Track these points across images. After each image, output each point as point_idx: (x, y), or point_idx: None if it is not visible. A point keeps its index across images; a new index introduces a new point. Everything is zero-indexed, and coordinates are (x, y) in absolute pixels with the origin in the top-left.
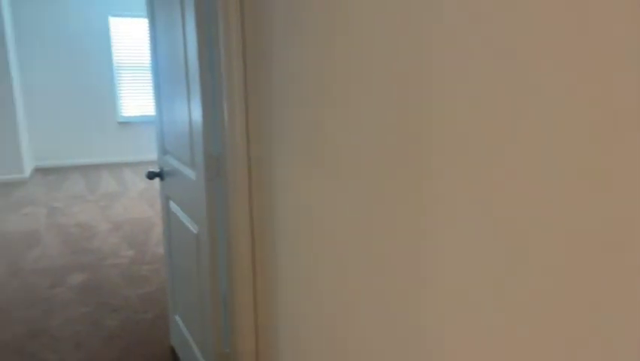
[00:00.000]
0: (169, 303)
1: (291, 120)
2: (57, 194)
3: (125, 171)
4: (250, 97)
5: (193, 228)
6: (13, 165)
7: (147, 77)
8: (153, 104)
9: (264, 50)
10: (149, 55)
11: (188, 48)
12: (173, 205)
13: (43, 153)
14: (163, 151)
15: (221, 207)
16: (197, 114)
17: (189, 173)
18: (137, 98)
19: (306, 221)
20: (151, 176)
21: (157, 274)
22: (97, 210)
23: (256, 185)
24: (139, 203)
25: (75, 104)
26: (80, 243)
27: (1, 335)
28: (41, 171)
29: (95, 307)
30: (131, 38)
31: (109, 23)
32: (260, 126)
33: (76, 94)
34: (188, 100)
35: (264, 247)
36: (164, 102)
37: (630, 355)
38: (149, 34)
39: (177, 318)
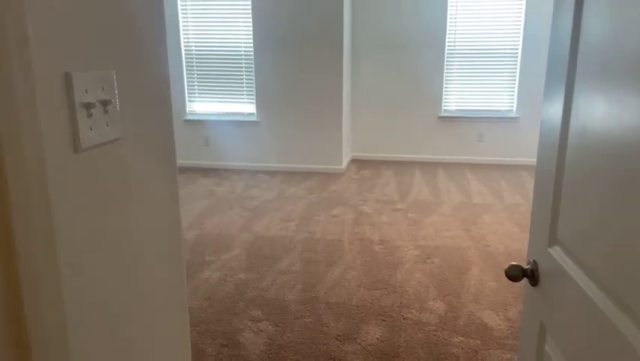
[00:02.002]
0: None
1: None
2: (368, 194)
3: (440, 172)
4: None
5: None
6: (333, 157)
7: (476, 65)
8: (544, 115)
9: None
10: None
11: None
12: (553, 349)
13: (361, 144)
14: (548, 236)
15: None
16: None
17: None
18: (460, 90)
19: None
20: (513, 273)
21: (474, 357)
22: (405, 223)
23: None
24: (453, 223)
25: (398, 95)
26: (381, 271)
27: None
28: (357, 163)
29: None
30: (470, 20)
31: (447, 5)
32: None
33: (400, 85)
34: None
35: None
36: (585, 118)
37: None
38: (559, 12)
39: None
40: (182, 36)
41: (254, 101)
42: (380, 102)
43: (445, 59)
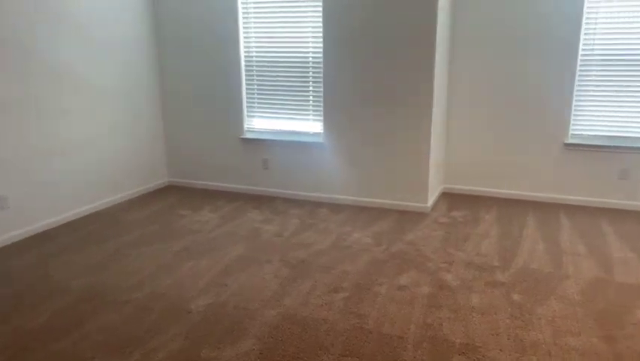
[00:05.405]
0: None
1: None
2: (456, 252)
3: (563, 221)
4: None
5: None
6: (416, 191)
7: (622, 76)
8: None
9: None
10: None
11: None
12: None
13: (456, 173)
14: None
15: None
16: None
17: None
18: (598, 108)
19: None
20: None
21: None
22: (506, 312)
23: None
24: (583, 320)
25: (508, 112)
26: None
27: None
28: (448, 200)
29: None
30: (616, 16)
31: (584, 4)
32: None
33: (511, 99)
34: None
35: None
36: None
37: None
38: None
39: None
40: (242, 42)
41: (321, 118)
42: (483, 120)
43: (578, 67)
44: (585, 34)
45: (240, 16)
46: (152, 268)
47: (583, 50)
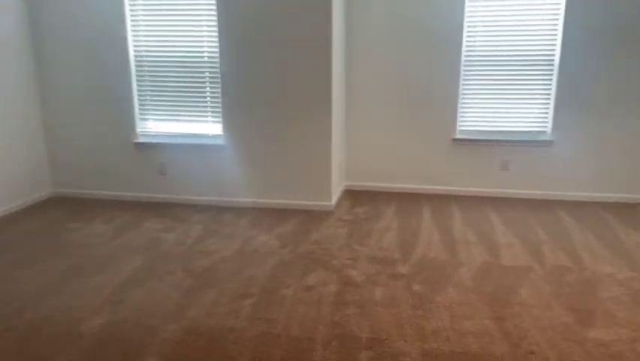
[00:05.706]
0: None
1: None
2: (360, 248)
3: (455, 211)
4: None
5: None
6: (319, 190)
7: (501, 75)
8: None
9: None
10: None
11: None
12: None
13: (357, 171)
14: None
15: None
16: None
17: None
18: (480, 105)
19: None
20: None
21: None
22: (407, 303)
23: None
24: (476, 304)
25: (402, 111)
26: None
27: None
28: (351, 197)
29: None
30: (493, 18)
31: (464, 8)
32: None
33: (405, 99)
34: None
35: None
36: None
37: None
38: None
39: None
40: (130, 39)
41: (220, 119)
42: (379, 119)
43: (462, 67)
44: (467, 35)
45: (128, 14)
46: (36, 290)
47: (466, 50)
